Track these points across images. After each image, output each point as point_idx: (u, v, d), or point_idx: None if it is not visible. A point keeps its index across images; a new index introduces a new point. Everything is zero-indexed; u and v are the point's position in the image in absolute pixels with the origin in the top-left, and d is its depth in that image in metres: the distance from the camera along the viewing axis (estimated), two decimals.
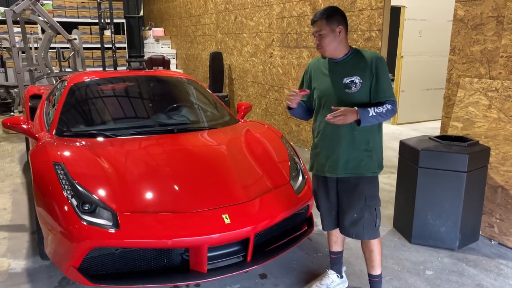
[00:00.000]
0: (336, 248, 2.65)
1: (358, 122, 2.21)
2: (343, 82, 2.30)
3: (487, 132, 3.32)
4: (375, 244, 2.45)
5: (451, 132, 3.58)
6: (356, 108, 2.20)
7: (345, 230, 2.45)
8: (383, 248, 3.14)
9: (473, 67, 3.53)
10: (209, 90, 4.29)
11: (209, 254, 2.38)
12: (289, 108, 2.47)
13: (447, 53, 3.76)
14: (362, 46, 4.78)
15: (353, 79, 2.28)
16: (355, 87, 2.28)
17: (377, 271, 2.51)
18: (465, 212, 3.12)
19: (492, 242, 3.30)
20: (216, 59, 7.83)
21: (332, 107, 2.22)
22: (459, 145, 3.12)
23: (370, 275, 2.54)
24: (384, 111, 2.23)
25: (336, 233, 2.60)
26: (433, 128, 6.82)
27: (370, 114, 2.21)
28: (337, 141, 2.34)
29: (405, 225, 3.36)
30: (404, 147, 3.33)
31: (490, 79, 3.39)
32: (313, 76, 2.46)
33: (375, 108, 2.22)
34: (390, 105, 2.26)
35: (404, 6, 6.95)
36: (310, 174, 2.68)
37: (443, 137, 3.31)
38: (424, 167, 3.11)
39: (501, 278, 2.83)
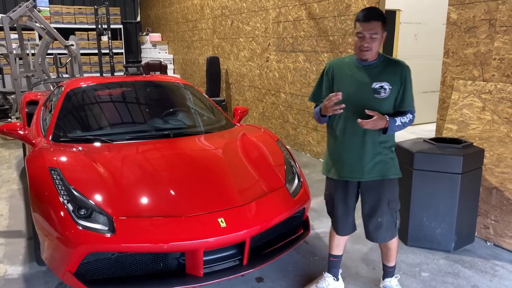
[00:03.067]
0: (336, 251, 2.65)
1: (384, 130, 2.25)
2: (372, 86, 2.26)
3: (481, 134, 3.35)
4: (393, 242, 2.51)
5: (446, 134, 3.60)
6: (387, 118, 2.21)
7: (369, 235, 2.48)
8: (379, 251, 3.16)
9: (466, 70, 3.56)
10: (206, 95, 4.31)
11: (205, 258, 2.39)
12: (322, 116, 2.35)
13: (442, 56, 3.79)
14: None
15: (382, 84, 2.26)
16: (385, 93, 2.26)
17: (392, 263, 2.61)
18: (460, 214, 3.13)
19: (488, 244, 3.32)
20: (213, 64, 7.86)
21: (367, 111, 2.19)
22: (454, 147, 3.14)
23: (385, 265, 2.63)
24: (407, 121, 2.28)
25: (339, 237, 2.60)
26: (430, 130, 6.84)
27: (397, 124, 2.25)
28: (362, 146, 2.32)
29: (401, 227, 3.35)
30: (399, 149, 3.34)
31: (483, 81, 3.42)
32: (336, 76, 2.37)
33: (400, 118, 2.26)
34: (411, 115, 2.31)
35: (399, 10, 6.99)
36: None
37: (437, 139, 3.33)
38: (419, 169, 3.12)
39: (496, 279, 2.84)
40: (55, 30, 7.16)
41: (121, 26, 12.14)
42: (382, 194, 2.38)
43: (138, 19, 13.40)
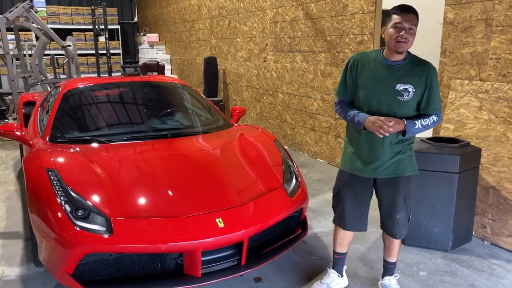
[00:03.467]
0: (341, 249, 2.66)
1: (403, 132, 2.25)
2: (396, 88, 2.24)
3: (478, 133, 3.36)
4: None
5: (443, 133, 3.61)
6: (405, 121, 2.21)
7: (388, 231, 2.50)
8: (377, 250, 3.17)
9: (463, 69, 3.57)
10: (203, 95, 4.31)
11: (203, 258, 2.39)
12: (364, 129, 2.31)
13: (438, 56, 3.80)
14: (355, 49, 4.82)
15: (406, 87, 2.24)
16: (408, 95, 2.24)
17: (394, 259, 2.61)
18: (458, 213, 3.14)
19: (485, 243, 3.33)
20: (211, 64, 7.85)
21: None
22: (451, 146, 3.14)
23: (386, 262, 2.63)
24: (429, 123, 2.26)
25: (343, 235, 2.60)
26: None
27: (416, 127, 2.23)
28: (381, 144, 2.31)
29: None
30: None
31: (480, 81, 3.43)
32: (360, 72, 2.34)
33: (421, 120, 2.24)
34: (436, 117, 2.29)
35: None
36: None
37: (435, 139, 3.34)
38: None
39: (493, 278, 2.85)
40: (52, 31, 7.14)
41: (118, 27, 12.10)
42: (399, 191, 2.38)
43: (136, 19, 13.37)
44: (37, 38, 7.93)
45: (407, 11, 2.19)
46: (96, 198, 2.45)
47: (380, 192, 2.44)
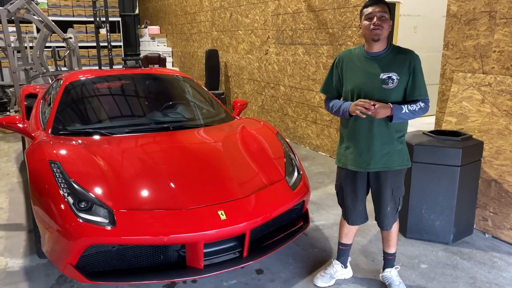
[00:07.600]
0: (346, 240, 2.70)
1: (390, 118, 2.28)
2: (380, 77, 2.29)
3: (481, 127, 3.35)
4: (394, 226, 2.55)
5: (445, 127, 3.61)
6: (391, 105, 2.24)
7: (379, 223, 2.55)
8: (378, 243, 3.18)
9: (466, 62, 3.55)
10: (205, 88, 4.30)
11: (205, 250, 2.40)
12: (350, 115, 2.36)
13: (441, 49, 3.78)
14: (357, 42, 4.79)
15: (390, 75, 2.29)
16: (392, 83, 2.28)
17: (392, 250, 2.62)
18: (459, 206, 3.14)
19: (486, 236, 3.34)
20: (212, 57, 7.83)
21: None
22: (453, 139, 3.14)
23: (385, 253, 2.64)
24: (417, 109, 2.28)
25: (349, 226, 2.64)
26: (429, 123, 6.84)
27: (403, 111, 2.26)
28: (371, 137, 2.35)
29: (400, 219, 3.37)
30: None
31: (483, 74, 3.41)
32: (345, 68, 2.42)
33: (408, 105, 2.27)
34: (423, 103, 2.31)
35: (399, 2, 6.96)
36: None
37: (437, 132, 3.33)
38: (418, 162, 3.13)
39: (494, 271, 2.86)
40: (53, 23, 7.11)
41: (119, 19, 12.06)
42: (387, 184, 2.42)
43: (137, 11, 13.31)
44: (38, 30, 7.90)
45: (376, 3, 2.29)
46: (98, 190, 2.46)
47: (371, 186, 2.49)
